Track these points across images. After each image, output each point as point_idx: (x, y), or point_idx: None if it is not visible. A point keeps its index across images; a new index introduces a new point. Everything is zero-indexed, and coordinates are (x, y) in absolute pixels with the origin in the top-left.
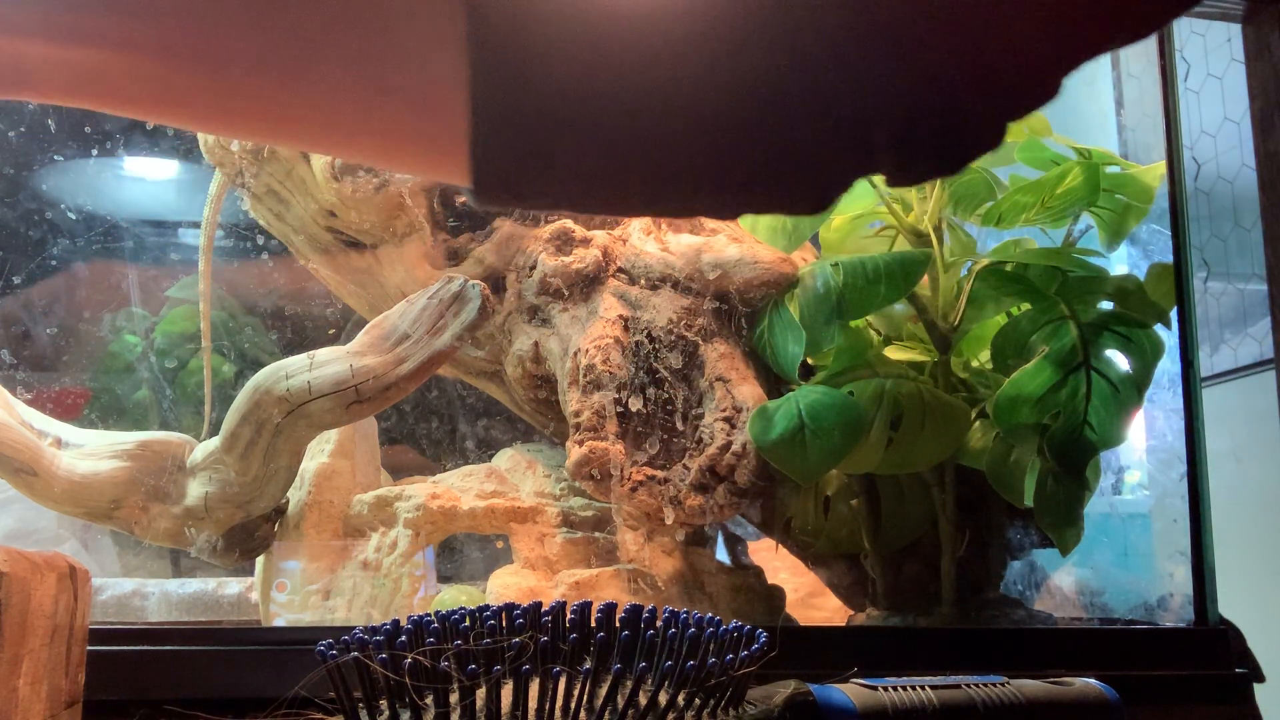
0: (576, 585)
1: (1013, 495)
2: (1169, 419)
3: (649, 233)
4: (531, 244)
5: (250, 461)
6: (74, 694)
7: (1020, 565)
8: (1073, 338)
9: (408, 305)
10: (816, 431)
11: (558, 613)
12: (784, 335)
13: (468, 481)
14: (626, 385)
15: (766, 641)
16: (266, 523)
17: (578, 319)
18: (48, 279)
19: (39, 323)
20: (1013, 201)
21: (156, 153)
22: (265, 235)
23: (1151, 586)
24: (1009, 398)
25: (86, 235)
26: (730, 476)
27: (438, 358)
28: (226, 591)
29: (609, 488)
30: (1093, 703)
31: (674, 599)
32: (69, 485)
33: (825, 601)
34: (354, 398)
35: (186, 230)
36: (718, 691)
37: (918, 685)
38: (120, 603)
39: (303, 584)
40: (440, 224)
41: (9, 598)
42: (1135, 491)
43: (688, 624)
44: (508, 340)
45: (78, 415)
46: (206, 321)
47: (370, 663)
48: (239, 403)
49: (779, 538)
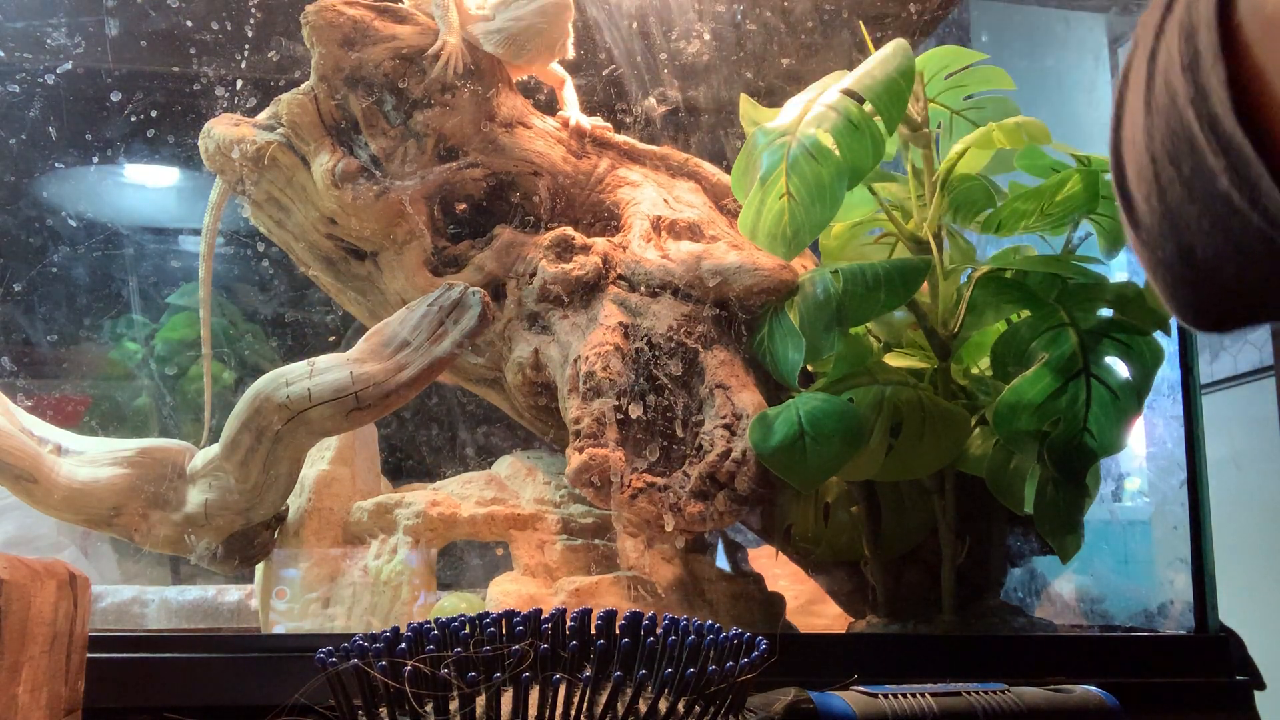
0: (576, 592)
1: (1013, 502)
2: (1169, 426)
3: (649, 239)
4: (532, 251)
5: (250, 468)
6: (73, 701)
7: (1020, 572)
8: (1072, 345)
9: (408, 312)
10: (816, 438)
11: (558, 620)
12: (784, 342)
13: (468, 488)
14: (627, 392)
15: (766, 649)
16: (266, 530)
17: (578, 326)
18: (48, 286)
19: (39, 330)
20: (1012, 208)
21: (157, 160)
22: (266, 242)
23: (1152, 593)
24: (1009, 404)
25: (87, 242)
26: (730, 483)
27: (438, 365)
28: (226, 599)
29: (609, 495)
30: (1093, 710)
31: (674, 606)
32: (69, 492)
33: (825, 608)
34: (354, 405)
35: (187, 237)
36: (718, 699)
37: (918, 693)
38: (120, 610)
39: (302, 591)
40: (440, 231)
41: (9, 605)
42: (1135, 498)
43: (688, 631)
44: (508, 347)
45: (78, 422)
46: (206, 328)
47: (370, 670)
48: (239, 409)
49: (779, 545)
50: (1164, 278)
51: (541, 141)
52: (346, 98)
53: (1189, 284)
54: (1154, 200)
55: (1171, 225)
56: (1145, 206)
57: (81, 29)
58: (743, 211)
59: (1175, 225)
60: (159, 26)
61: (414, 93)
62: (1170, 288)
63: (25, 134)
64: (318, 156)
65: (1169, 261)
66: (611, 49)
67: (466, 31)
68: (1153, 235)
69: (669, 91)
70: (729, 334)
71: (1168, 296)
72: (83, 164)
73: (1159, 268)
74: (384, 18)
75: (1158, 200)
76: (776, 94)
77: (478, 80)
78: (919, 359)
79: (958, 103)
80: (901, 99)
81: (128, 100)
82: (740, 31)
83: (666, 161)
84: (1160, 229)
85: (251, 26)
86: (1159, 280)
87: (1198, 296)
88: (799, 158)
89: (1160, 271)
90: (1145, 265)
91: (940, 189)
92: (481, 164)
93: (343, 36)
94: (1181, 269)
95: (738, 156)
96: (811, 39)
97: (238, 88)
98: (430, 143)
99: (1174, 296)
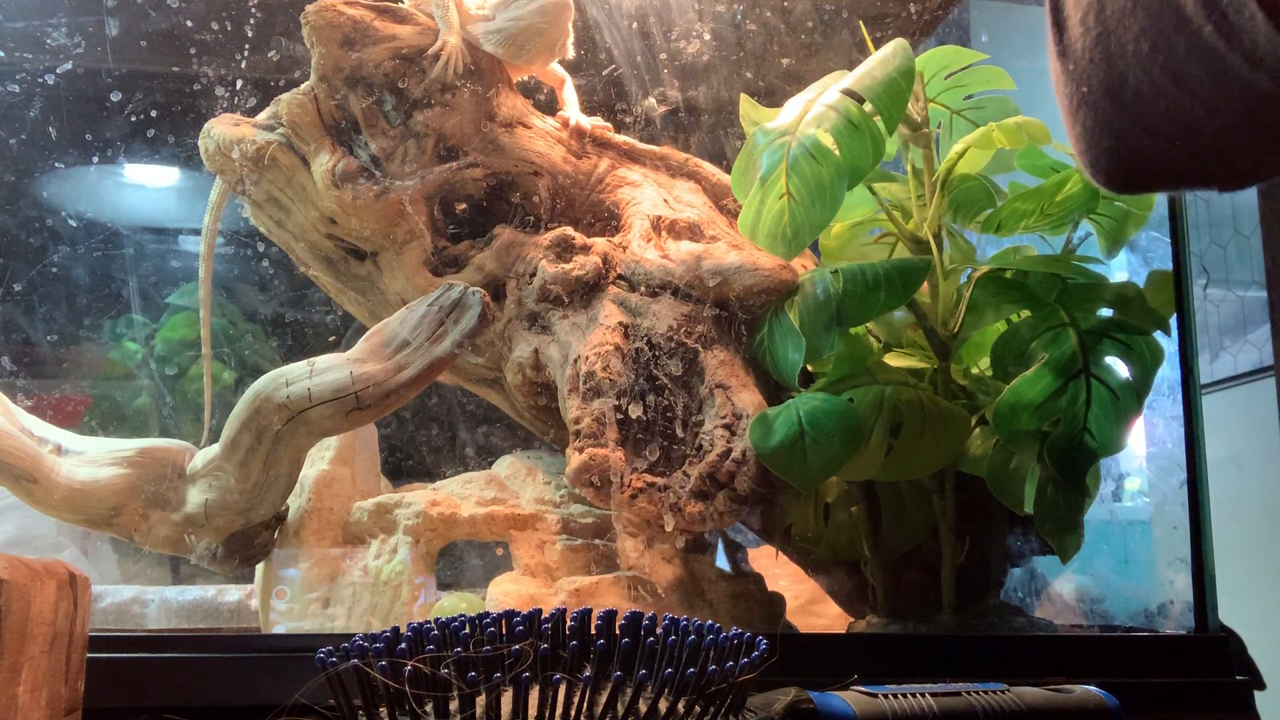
0: (576, 592)
1: (1013, 502)
2: (1169, 426)
3: (649, 239)
4: (532, 251)
5: (250, 468)
6: (74, 701)
7: (1020, 572)
8: (1072, 345)
9: (408, 312)
10: (816, 438)
11: (558, 620)
12: (784, 342)
13: (468, 488)
14: (627, 392)
15: (766, 649)
16: (266, 530)
17: (578, 326)
18: (48, 286)
19: (39, 330)
20: (1012, 208)
21: (157, 160)
22: (266, 242)
23: (1152, 593)
24: (1009, 404)
25: (87, 242)
26: (730, 483)
27: (438, 365)
28: (226, 599)
29: (609, 495)
30: (1093, 710)
31: (674, 606)
32: (69, 492)
33: (825, 608)
34: (354, 404)
35: (187, 237)
36: (718, 699)
37: (918, 693)
38: (120, 610)
39: (302, 591)
40: (440, 231)
41: (9, 605)
42: (1135, 498)
43: (688, 631)
44: (508, 347)
45: (78, 422)
46: (206, 328)
47: (370, 670)
48: (239, 409)
49: (779, 545)
50: (1084, 120)
51: (541, 141)
52: (346, 98)
53: (1111, 127)
54: (1090, 19)
55: (1105, 50)
56: (1079, 30)
57: (81, 29)
58: (743, 211)
59: (1109, 49)
60: (159, 26)
61: (414, 93)
62: (1089, 133)
63: (25, 134)
64: (318, 156)
65: (1094, 97)
66: (611, 49)
67: (466, 31)
68: (1081, 64)
69: (669, 91)
70: (729, 334)
71: (1084, 145)
72: (83, 164)
73: (1081, 107)
74: (384, 18)
75: (1094, 18)
76: (776, 94)
77: (478, 80)
78: (919, 359)
79: (958, 103)
80: (901, 99)
81: (128, 100)
82: (740, 31)
83: (666, 161)
84: (1092, 54)
85: (251, 26)
86: (1078, 124)
87: (1118, 143)
88: (799, 158)
89: (1082, 113)
90: (1066, 108)
91: (940, 189)
92: (481, 164)
93: (343, 36)
94: (1107, 106)
95: (738, 156)
96: (811, 39)
97: (238, 88)
98: (430, 143)
99: (1091, 144)
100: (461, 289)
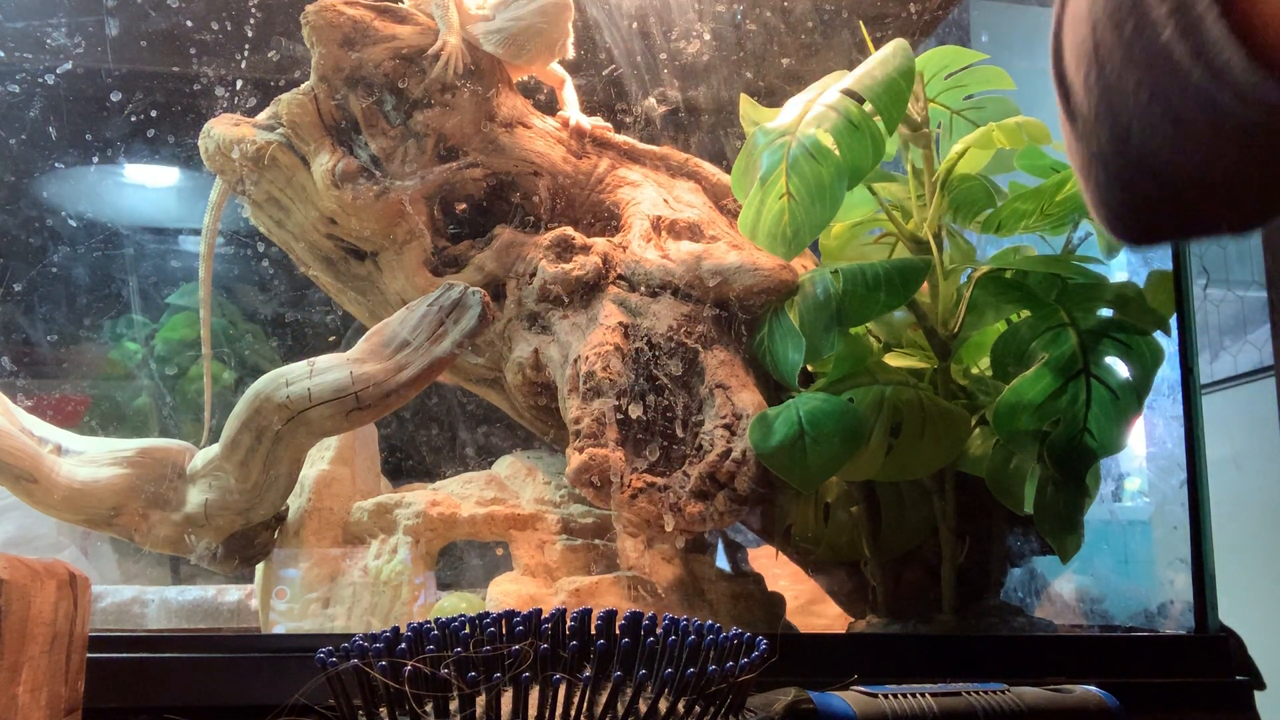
0: (576, 592)
1: (1013, 502)
2: (1169, 426)
3: (649, 239)
4: (532, 251)
5: (250, 468)
6: (74, 701)
7: (1020, 572)
8: (1072, 345)
9: (408, 312)
10: (816, 438)
11: (557, 620)
12: (784, 342)
13: (468, 488)
14: (627, 392)
15: (766, 649)
16: (266, 530)
17: (578, 326)
18: (48, 286)
19: (39, 330)
20: (1012, 209)
21: (157, 160)
22: (266, 242)
23: (1152, 593)
24: (1009, 404)
25: (87, 242)
26: (730, 483)
27: (438, 365)
28: (226, 599)
29: (609, 495)
30: (1093, 710)
31: (674, 606)
32: (69, 492)
33: (825, 608)
34: (354, 404)
35: (187, 237)
36: (718, 699)
37: (918, 693)
38: (120, 610)
39: (302, 591)
40: (440, 231)
41: (9, 605)
42: (1135, 498)
43: (688, 631)
44: (508, 347)
45: (78, 422)
46: (206, 328)
47: (370, 670)
48: (239, 409)
49: (779, 545)
50: (1096, 177)
51: (541, 141)
52: (346, 98)
53: (1121, 180)
54: (1092, 78)
55: (1108, 105)
56: (1083, 91)
57: (81, 29)
58: (743, 211)
59: (1112, 104)
60: (159, 26)
61: (414, 93)
62: (1102, 189)
63: (25, 134)
64: (318, 156)
65: (1103, 153)
66: (611, 49)
67: (466, 31)
68: (1088, 123)
69: (669, 91)
70: (729, 334)
71: (1097, 200)
72: (83, 164)
73: (1092, 164)
74: (384, 18)
75: (1095, 77)
76: (776, 94)
77: (478, 80)
78: (919, 359)
79: (958, 103)
80: (901, 99)
81: (128, 100)
82: (740, 31)
83: (666, 161)
84: (1096, 111)
85: (251, 26)
86: (1091, 181)
87: (1130, 195)
88: (799, 158)
89: (1094, 170)
90: (1079, 167)
91: (940, 189)
92: (481, 164)
93: (343, 36)
94: (1115, 160)
95: (738, 156)
96: (811, 39)
97: (238, 88)
98: (430, 143)
99: (1104, 199)
100: (461, 289)
